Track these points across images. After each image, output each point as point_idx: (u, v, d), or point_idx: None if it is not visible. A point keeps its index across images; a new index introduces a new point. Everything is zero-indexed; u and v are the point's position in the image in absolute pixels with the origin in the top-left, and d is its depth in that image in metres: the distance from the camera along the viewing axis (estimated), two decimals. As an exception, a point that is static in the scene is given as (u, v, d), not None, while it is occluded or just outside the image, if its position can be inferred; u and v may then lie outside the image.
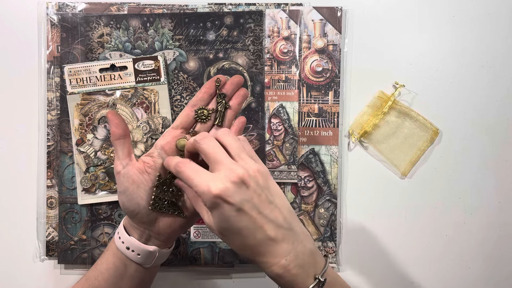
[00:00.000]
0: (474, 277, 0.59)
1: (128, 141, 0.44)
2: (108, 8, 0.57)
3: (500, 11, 0.59)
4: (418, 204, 0.59)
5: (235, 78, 0.47)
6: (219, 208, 0.37)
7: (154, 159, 0.44)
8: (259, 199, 0.38)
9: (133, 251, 0.44)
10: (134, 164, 0.44)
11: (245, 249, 0.39)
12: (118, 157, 0.44)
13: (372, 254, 0.59)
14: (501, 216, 0.59)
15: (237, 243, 0.39)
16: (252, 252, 0.38)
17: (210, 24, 0.57)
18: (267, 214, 0.38)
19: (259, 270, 0.58)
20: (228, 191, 0.37)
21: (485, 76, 0.59)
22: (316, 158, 0.58)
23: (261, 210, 0.38)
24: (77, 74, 0.55)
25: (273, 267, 0.38)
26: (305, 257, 0.39)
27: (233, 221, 0.37)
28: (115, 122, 0.44)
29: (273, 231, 0.38)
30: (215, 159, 0.39)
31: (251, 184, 0.38)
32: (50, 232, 0.56)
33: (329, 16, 0.57)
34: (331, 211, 0.58)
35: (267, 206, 0.38)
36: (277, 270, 0.38)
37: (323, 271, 0.39)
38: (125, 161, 0.44)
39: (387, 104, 0.58)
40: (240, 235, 0.38)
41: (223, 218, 0.37)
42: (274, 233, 0.38)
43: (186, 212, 0.45)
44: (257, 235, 0.38)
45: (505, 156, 0.59)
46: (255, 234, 0.38)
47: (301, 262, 0.38)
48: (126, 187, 0.43)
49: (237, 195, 0.37)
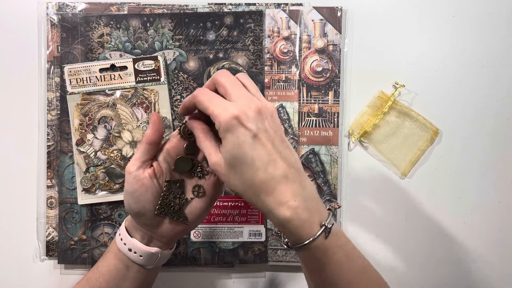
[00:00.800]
0: (474, 277, 0.59)
1: (154, 150, 0.44)
2: (108, 8, 0.57)
3: (500, 11, 0.59)
4: (418, 204, 0.59)
5: None
6: (234, 131, 0.36)
7: (159, 163, 0.44)
8: (275, 134, 0.37)
9: (135, 252, 0.44)
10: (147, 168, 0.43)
11: (252, 185, 0.36)
12: (136, 158, 0.43)
13: (372, 254, 0.59)
14: (501, 216, 0.59)
15: (245, 177, 0.36)
16: (260, 190, 0.36)
17: (210, 24, 0.57)
18: (282, 150, 0.37)
19: (259, 270, 0.58)
20: (246, 115, 0.36)
21: (485, 76, 0.59)
22: (316, 158, 0.58)
23: (276, 144, 0.37)
24: (77, 74, 0.55)
25: (282, 207, 0.36)
26: (312, 201, 0.37)
27: (247, 148, 0.35)
28: (156, 127, 0.43)
29: (286, 167, 0.36)
30: (234, 90, 0.38)
31: (268, 118, 0.37)
32: (50, 232, 0.56)
33: (329, 16, 0.57)
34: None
35: (281, 143, 0.37)
36: (286, 211, 0.36)
37: (328, 219, 0.38)
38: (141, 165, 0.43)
39: (387, 104, 0.58)
40: (251, 167, 0.36)
41: (237, 143, 0.36)
42: (287, 170, 0.36)
43: (190, 219, 0.45)
44: (269, 168, 0.36)
45: (505, 156, 0.59)
46: (267, 167, 0.36)
47: (309, 205, 0.37)
48: (135, 189, 0.42)
49: (254, 122, 0.36)
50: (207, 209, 0.45)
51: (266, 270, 0.59)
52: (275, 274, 0.59)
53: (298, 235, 0.37)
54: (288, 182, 0.36)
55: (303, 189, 0.37)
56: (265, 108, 0.37)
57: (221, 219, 0.57)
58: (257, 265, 0.58)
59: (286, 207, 0.36)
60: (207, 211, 0.46)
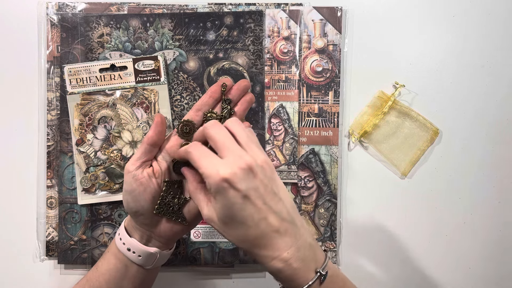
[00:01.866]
0: (474, 277, 0.59)
1: (155, 151, 0.44)
2: (108, 8, 0.57)
3: (500, 11, 0.59)
4: (418, 204, 0.59)
5: (242, 83, 0.46)
6: (224, 193, 0.36)
7: (158, 162, 0.44)
8: (265, 190, 0.37)
9: (134, 252, 0.44)
10: (146, 168, 0.44)
11: (245, 241, 0.38)
12: (136, 158, 0.43)
13: (372, 254, 0.59)
14: (501, 216, 0.59)
15: (238, 233, 0.37)
16: (253, 245, 0.37)
17: (210, 24, 0.57)
18: (272, 206, 0.37)
19: (259, 270, 0.58)
20: (236, 176, 0.36)
21: (485, 76, 0.59)
22: (316, 158, 0.58)
23: (267, 200, 0.37)
24: (77, 74, 0.55)
25: (274, 260, 0.37)
26: (306, 251, 0.38)
27: (238, 209, 0.36)
28: (159, 129, 0.43)
29: (277, 223, 0.37)
30: (224, 145, 0.38)
31: (259, 173, 0.37)
32: (50, 232, 0.56)
33: (329, 16, 0.57)
34: (331, 211, 0.57)
35: (272, 197, 0.38)
36: (278, 264, 0.37)
37: (324, 265, 0.38)
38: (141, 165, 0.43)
39: (387, 104, 0.58)
40: (243, 225, 0.37)
41: (227, 204, 0.36)
42: (278, 225, 0.37)
43: (189, 219, 0.45)
44: (260, 226, 0.37)
45: (505, 156, 0.59)
46: (258, 225, 0.37)
47: (302, 255, 0.38)
48: (134, 188, 0.43)
49: (244, 182, 0.36)
50: None
51: (266, 270, 0.58)
52: (275, 274, 0.59)
53: (293, 283, 0.38)
54: (281, 236, 0.37)
55: (297, 239, 0.38)
56: (256, 163, 0.38)
57: (221, 219, 0.57)
58: (257, 265, 0.58)
59: (278, 260, 0.37)
60: None
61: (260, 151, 0.39)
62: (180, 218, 0.44)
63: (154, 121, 0.44)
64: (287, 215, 0.38)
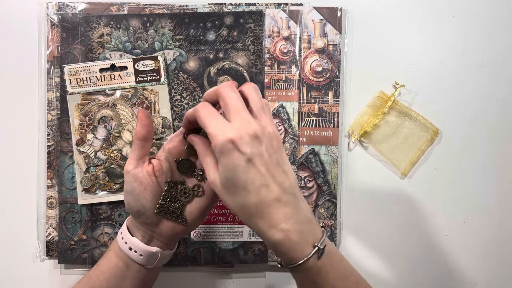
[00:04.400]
0: (474, 277, 0.59)
1: (148, 145, 0.44)
2: (108, 8, 0.57)
3: (500, 11, 0.59)
4: (418, 204, 0.59)
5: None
6: (228, 155, 0.36)
7: (161, 162, 0.44)
8: (270, 159, 0.37)
9: (135, 251, 0.44)
10: (145, 166, 0.44)
11: (245, 208, 0.37)
12: (132, 157, 0.43)
13: (372, 254, 0.59)
14: (501, 216, 0.59)
15: (238, 200, 0.37)
16: (252, 213, 0.37)
17: (210, 24, 0.57)
18: (275, 175, 0.37)
19: (259, 270, 0.58)
20: (242, 139, 0.36)
21: (485, 76, 0.59)
22: (316, 158, 0.58)
23: (270, 168, 0.37)
24: (77, 74, 0.55)
25: (272, 230, 0.37)
26: (305, 225, 0.38)
27: (241, 171, 0.36)
28: (143, 123, 0.43)
29: (278, 192, 0.37)
30: (234, 109, 0.37)
31: (265, 142, 0.37)
32: (50, 232, 0.56)
33: (329, 16, 0.57)
34: (331, 211, 0.58)
35: (276, 168, 0.37)
36: (276, 235, 0.37)
37: (322, 240, 0.38)
38: (138, 163, 0.43)
39: (387, 104, 0.58)
40: (244, 190, 0.36)
41: (231, 166, 0.36)
42: (279, 194, 0.37)
43: (190, 220, 0.45)
44: (261, 192, 0.36)
45: (505, 156, 0.59)
46: (259, 191, 0.36)
47: (301, 228, 0.37)
48: (134, 187, 0.43)
49: (249, 146, 0.36)
50: (207, 210, 0.45)
51: (266, 270, 0.59)
52: (275, 274, 0.59)
53: (290, 256, 0.38)
54: (280, 206, 0.37)
55: (296, 212, 0.37)
56: (264, 131, 0.37)
57: (221, 219, 0.57)
58: (257, 265, 0.58)
59: (277, 230, 0.37)
60: (207, 212, 0.46)
61: (270, 122, 0.39)
62: (180, 219, 0.44)
63: (138, 117, 0.44)
64: (289, 187, 0.38)
